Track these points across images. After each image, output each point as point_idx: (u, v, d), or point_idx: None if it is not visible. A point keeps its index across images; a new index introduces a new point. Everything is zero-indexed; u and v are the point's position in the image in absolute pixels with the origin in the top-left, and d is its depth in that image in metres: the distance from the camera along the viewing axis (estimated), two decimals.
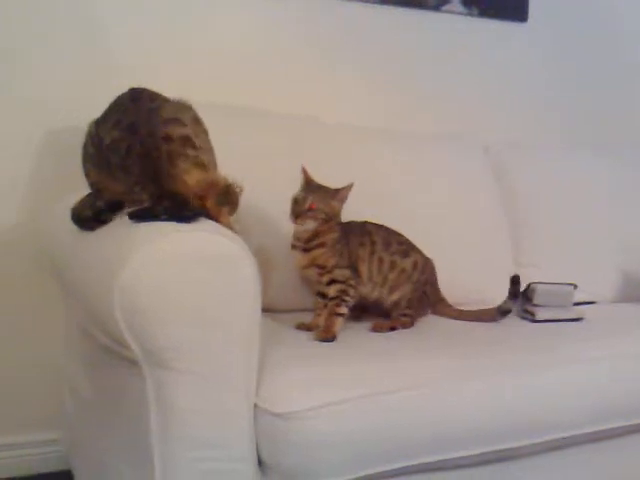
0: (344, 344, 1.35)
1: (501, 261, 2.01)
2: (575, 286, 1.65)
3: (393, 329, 1.49)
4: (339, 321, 1.41)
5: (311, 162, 1.56)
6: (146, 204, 1.16)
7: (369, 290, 1.54)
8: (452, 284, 1.83)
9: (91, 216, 1.21)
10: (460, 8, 2.31)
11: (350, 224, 1.56)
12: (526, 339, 1.48)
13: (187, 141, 1.17)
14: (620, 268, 2.10)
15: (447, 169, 2.00)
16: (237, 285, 1.06)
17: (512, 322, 1.63)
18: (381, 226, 1.59)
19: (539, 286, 1.63)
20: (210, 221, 1.14)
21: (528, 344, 1.43)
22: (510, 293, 1.59)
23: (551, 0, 2.47)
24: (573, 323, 1.62)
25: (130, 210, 1.14)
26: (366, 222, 1.59)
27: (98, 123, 1.22)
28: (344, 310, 1.44)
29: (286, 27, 2.04)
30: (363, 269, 1.52)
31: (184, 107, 1.23)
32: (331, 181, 1.51)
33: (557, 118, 2.51)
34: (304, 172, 1.52)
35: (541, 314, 1.61)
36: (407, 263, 1.56)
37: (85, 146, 1.25)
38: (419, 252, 1.61)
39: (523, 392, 1.27)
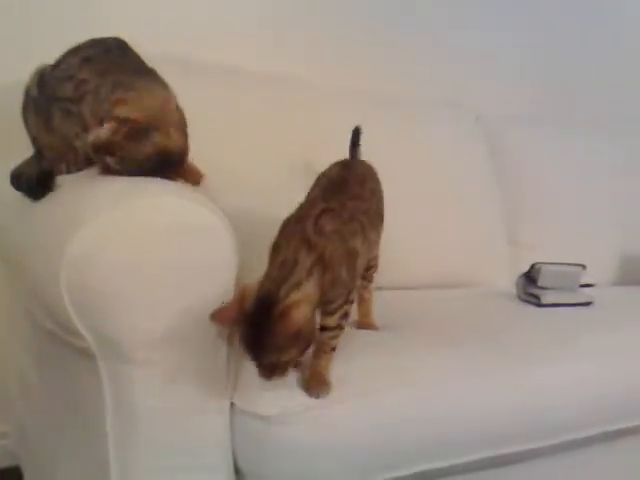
0: None
1: (494, 240, 1.86)
2: (584, 267, 1.50)
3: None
4: (331, 360, 1.01)
5: (287, 126, 1.39)
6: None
7: None
8: (440, 264, 1.70)
9: (35, 180, 1.01)
10: None
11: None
12: (533, 327, 1.31)
13: None
14: (620, 250, 1.97)
15: (437, 139, 1.83)
16: (214, 261, 0.88)
17: (516, 306, 1.48)
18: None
19: (545, 267, 1.47)
20: (184, 185, 0.96)
21: (535, 334, 1.26)
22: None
23: None
24: (582, 308, 1.47)
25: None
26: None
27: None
28: (337, 343, 1.02)
29: None
30: (360, 262, 1.06)
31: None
32: (313, 150, 1.30)
33: (552, 91, 2.35)
34: None
35: (547, 298, 1.45)
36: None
37: (28, 91, 1.06)
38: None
39: (529, 390, 1.11)
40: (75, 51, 1.04)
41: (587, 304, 1.49)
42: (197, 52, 1.56)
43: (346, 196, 1.06)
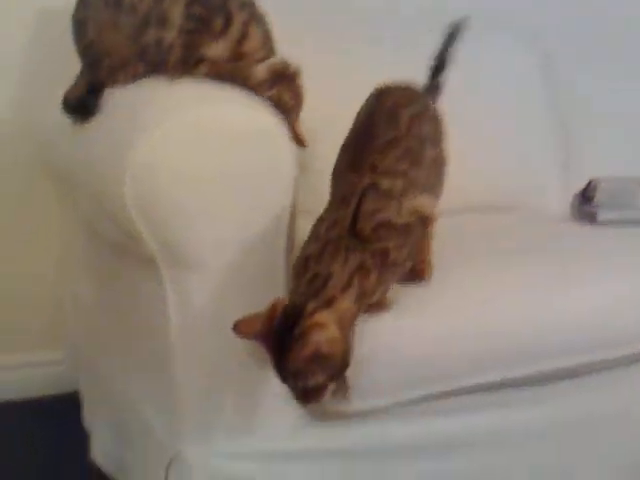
0: None
1: (544, 165, 1.82)
2: None
3: None
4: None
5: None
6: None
7: None
8: (493, 187, 1.67)
9: (75, 104, 0.99)
10: None
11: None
12: (587, 245, 1.27)
13: None
14: None
15: (487, 60, 1.77)
16: (274, 167, 0.87)
17: (570, 225, 1.45)
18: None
19: (602, 183, 1.42)
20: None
21: (589, 251, 1.22)
22: None
23: None
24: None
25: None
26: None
27: None
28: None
29: None
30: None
31: None
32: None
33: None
34: None
35: (604, 215, 1.41)
36: None
37: None
38: None
39: (573, 306, 1.08)
40: None
41: None
42: None
43: (376, 151, 0.91)
